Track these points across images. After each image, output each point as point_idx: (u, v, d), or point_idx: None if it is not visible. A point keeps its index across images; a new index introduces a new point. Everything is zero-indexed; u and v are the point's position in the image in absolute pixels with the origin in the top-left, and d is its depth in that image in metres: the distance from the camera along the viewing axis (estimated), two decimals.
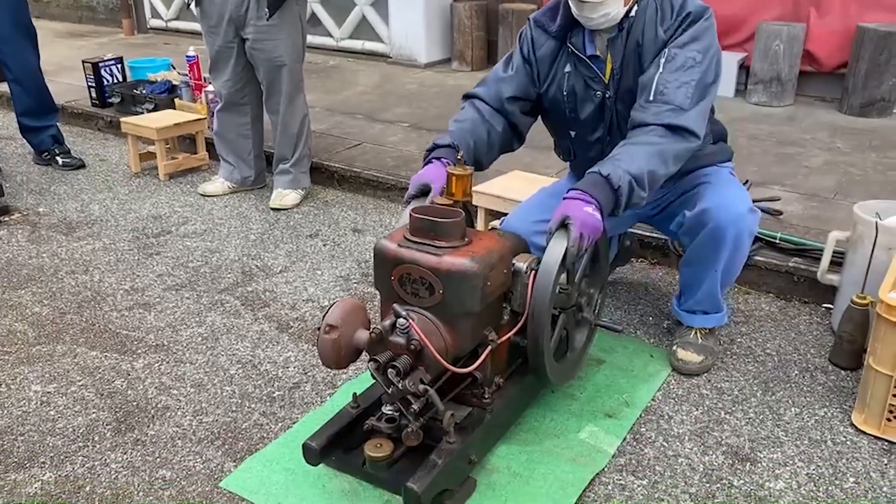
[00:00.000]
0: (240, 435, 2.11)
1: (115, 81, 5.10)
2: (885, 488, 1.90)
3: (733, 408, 2.21)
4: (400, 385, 1.69)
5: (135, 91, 4.89)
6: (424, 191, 2.03)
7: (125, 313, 2.75)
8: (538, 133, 2.45)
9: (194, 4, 3.56)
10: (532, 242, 2.06)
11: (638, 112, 2.05)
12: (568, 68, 2.20)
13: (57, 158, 4.29)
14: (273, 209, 3.70)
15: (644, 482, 1.92)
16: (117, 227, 3.52)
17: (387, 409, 1.81)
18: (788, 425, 2.13)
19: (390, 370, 1.70)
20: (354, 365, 1.96)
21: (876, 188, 3.56)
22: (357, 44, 6.88)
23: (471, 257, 1.74)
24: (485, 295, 1.78)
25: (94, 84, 5.03)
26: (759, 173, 3.73)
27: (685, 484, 1.92)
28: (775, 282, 2.86)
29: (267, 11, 3.40)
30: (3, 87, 4.82)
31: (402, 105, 5.18)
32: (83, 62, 5.10)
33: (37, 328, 2.66)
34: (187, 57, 4.55)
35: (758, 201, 2.93)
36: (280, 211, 3.69)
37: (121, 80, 5.13)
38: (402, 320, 1.72)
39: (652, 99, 2.02)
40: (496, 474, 1.93)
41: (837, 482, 1.92)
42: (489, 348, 1.86)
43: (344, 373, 2.36)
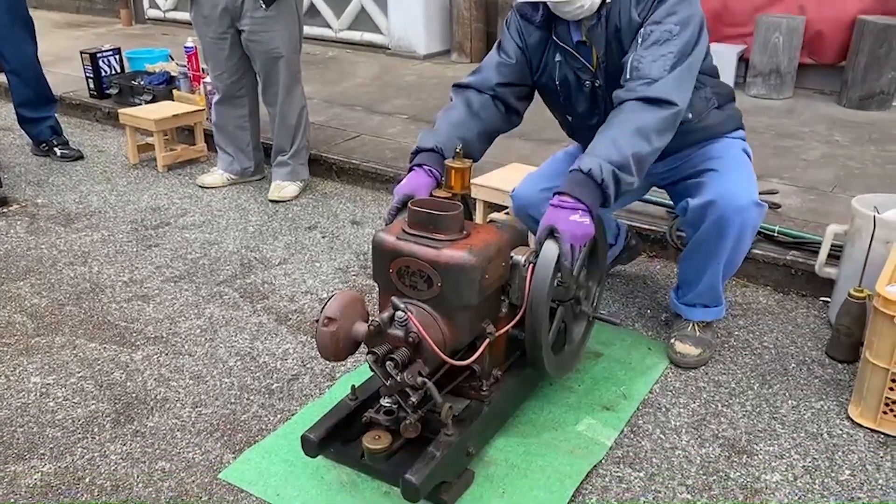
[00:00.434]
0: (239, 426, 2.11)
1: (113, 72, 5.08)
2: (881, 481, 1.91)
3: (730, 400, 2.22)
4: (398, 377, 1.69)
5: (133, 82, 4.87)
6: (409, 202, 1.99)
7: (124, 305, 2.76)
8: (536, 126, 2.45)
9: None
10: (539, 211, 2.03)
11: (617, 92, 2.02)
12: (558, 57, 2.19)
13: (55, 149, 4.28)
14: (272, 201, 3.70)
15: (641, 474, 1.93)
16: (116, 219, 3.52)
17: (385, 402, 1.81)
18: (785, 418, 2.14)
19: (388, 362, 1.70)
20: (353, 357, 1.97)
21: (874, 181, 3.56)
22: (356, 35, 6.86)
23: (469, 250, 1.75)
24: (483, 288, 1.78)
25: (93, 75, 5.01)
26: (758, 166, 3.66)
27: (682, 476, 1.93)
28: (773, 275, 2.86)
29: (263, 2, 3.37)
30: (1, 78, 4.81)
31: (401, 97, 5.17)
32: (81, 53, 5.08)
33: (36, 319, 2.66)
34: (185, 48, 4.53)
35: None
36: (279, 203, 3.69)
37: (119, 71, 5.11)
38: (401, 313, 1.72)
39: (629, 77, 1.99)
40: (494, 466, 1.94)
41: (833, 475, 1.93)
42: (487, 341, 1.86)
43: (342, 365, 2.36)
